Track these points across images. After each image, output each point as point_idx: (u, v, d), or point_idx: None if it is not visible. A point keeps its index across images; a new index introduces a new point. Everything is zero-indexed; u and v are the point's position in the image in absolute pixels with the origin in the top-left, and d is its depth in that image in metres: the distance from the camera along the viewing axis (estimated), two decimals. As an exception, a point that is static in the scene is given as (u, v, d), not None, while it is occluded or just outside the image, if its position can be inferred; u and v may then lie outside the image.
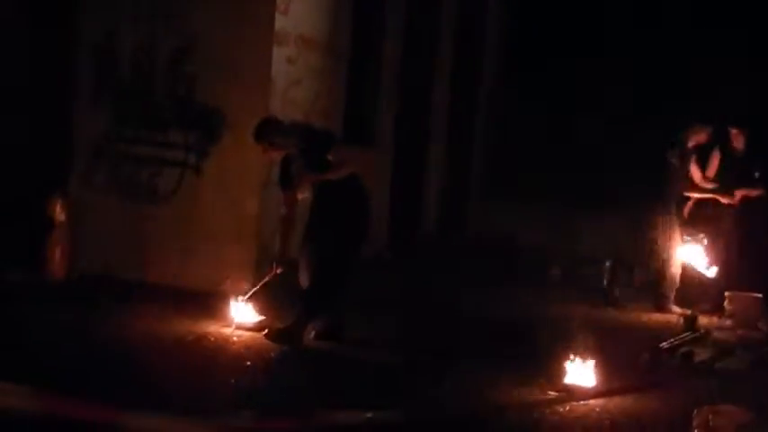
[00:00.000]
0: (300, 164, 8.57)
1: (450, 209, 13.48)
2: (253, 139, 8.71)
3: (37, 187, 10.16)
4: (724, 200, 11.02)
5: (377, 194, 10.02)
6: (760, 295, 10.27)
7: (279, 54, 10.03)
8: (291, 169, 8.63)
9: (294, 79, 10.22)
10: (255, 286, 8.92)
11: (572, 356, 7.81)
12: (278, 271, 8.74)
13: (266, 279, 8.86)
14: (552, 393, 7.66)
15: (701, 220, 11.31)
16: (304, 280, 8.63)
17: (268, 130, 8.67)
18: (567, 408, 7.38)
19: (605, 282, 11.53)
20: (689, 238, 11.05)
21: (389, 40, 11.95)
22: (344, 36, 10.92)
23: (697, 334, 9.62)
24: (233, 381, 7.57)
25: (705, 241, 11.01)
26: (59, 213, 10.04)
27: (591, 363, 7.78)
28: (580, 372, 7.76)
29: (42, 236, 10.00)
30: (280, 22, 9.96)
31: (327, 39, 10.56)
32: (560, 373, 7.78)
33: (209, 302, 9.28)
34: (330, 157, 8.50)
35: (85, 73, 10.53)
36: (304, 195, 8.62)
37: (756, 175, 10.90)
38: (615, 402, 7.53)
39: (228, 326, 8.80)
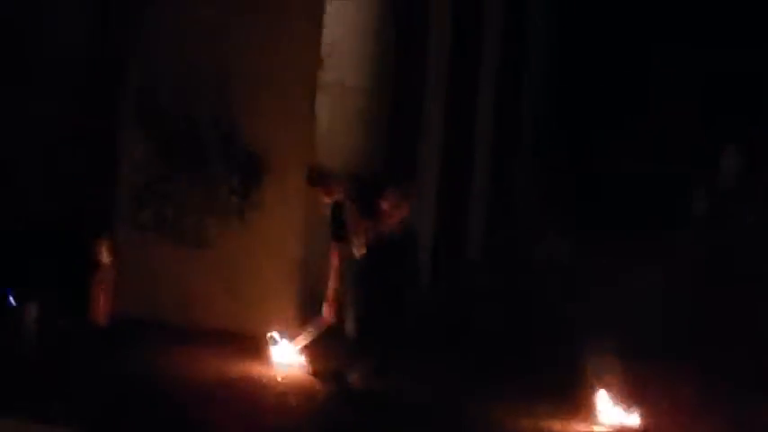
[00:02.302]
0: (354, 212, 8.75)
1: (495, 237, 13.52)
2: (306, 184, 8.96)
3: (84, 229, 10.30)
4: None
5: (421, 226, 10.22)
6: None
7: (322, 100, 10.12)
8: (343, 217, 8.78)
9: (338, 124, 10.33)
10: (302, 329, 9.14)
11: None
12: (329, 321, 8.98)
13: (316, 330, 9.10)
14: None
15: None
16: (351, 322, 8.80)
17: (320, 177, 8.91)
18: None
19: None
20: None
21: (431, 80, 12.01)
22: (387, 79, 11.04)
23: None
24: (279, 420, 7.70)
25: None
26: (105, 255, 10.11)
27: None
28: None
29: (88, 277, 10.06)
30: (324, 70, 10.07)
31: (370, 84, 10.68)
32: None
33: (254, 345, 9.38)
34: (382, 204, 8.70)
35: (131, 115, 10.62)
36: (361, 245, 8.75)
37: None
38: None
39: (274, 367, 8.96)
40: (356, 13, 10.49)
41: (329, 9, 10.01)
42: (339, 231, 8.88)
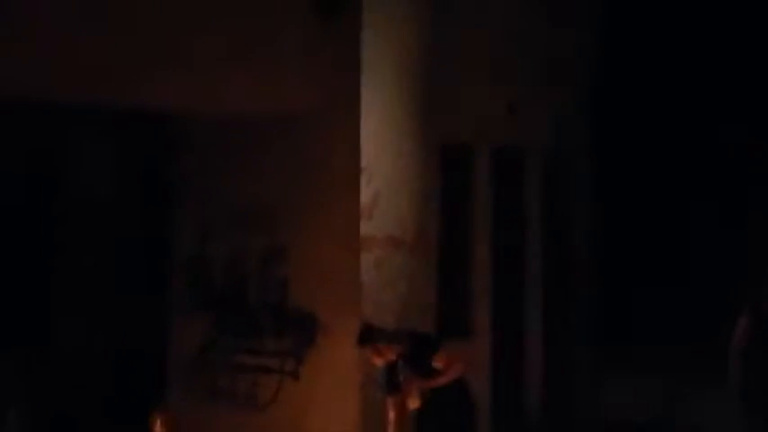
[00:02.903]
0: (407, 372, 8.69)
1: (554, 392, 13.20)
2: (357, 344, 8.86)
3: (134, 396, 10.32)
4: None
5: (476, 385, 9.86)
6: None
7: (367, 258, 10.11)
8: (397, 376, 8.72)
9: (384, 281, 10.25)
10: None
11: None
12: None
13: None
14: None
15: None
16: None
17: (371, 336, 8.83)
18: None
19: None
20: None
21: (477, 228, 11.89)
22: (432, 233, 10.96)
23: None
24: None
25: None
26: (160, 428, 9.71)
27: None
28: None
29: None
30: (365, 226, 10.08)
31: (414, 238, 10.62)
32: None
33: None
34: (435, 363, 8.64)
35: (179, 284, 10.76)
36: (415, 405, 8.69)
37: None
38: None
39: None
40: (396, 168, 10.55)
41: (368, 162, 10.10)
42: (392, 388, 8.83)
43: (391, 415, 8.84)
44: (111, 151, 10.92)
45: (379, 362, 8.86)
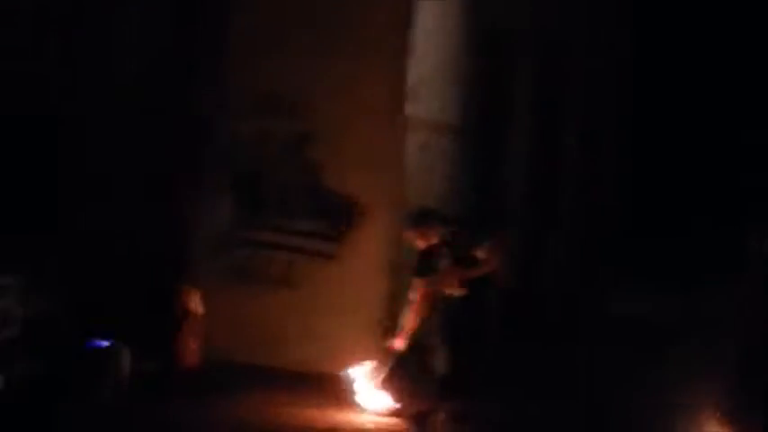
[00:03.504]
0: (449, 259, 8.91)
1: (574, 283, 13.58)
2: (407, 226, 9.09)
3: (166, 277, 10.50)
4: None
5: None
6: None
7: (412, 140, 10.32)
8: (435, 262, 8.93)
9: (427, 165, 10.46)
10: (381, 370, 9.29)
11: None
12: (396, 350, 9.16)
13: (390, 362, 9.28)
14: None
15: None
16: (440, 364, 8.98)
17: (422, 220, 9.04)
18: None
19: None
20: None
21: (517, 117, 12.24)
22: (473, 119, 11.17)
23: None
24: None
25: None
26: (195, 305, 10.29)
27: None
28: None
29: (175, 326, 10.27)
30: (411, 109, 10.23)
31: (458, 123, 10.82)
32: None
33: (339, 387, 9.55)
34: (477, 253, 8.88)
35: (208, 159, 10.86)
36: (457, 292, 8.93)
37: None
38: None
39: (360, 412, 9.15)
40: (441, 50, 10.65)
41: (414, 47, 10.18)
42: (425, 270, 9.01)
43: (414, 296, 9.06)
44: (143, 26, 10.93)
45: (421, 244, 9.03)
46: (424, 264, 9.06)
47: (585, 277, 13.70)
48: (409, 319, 9.12)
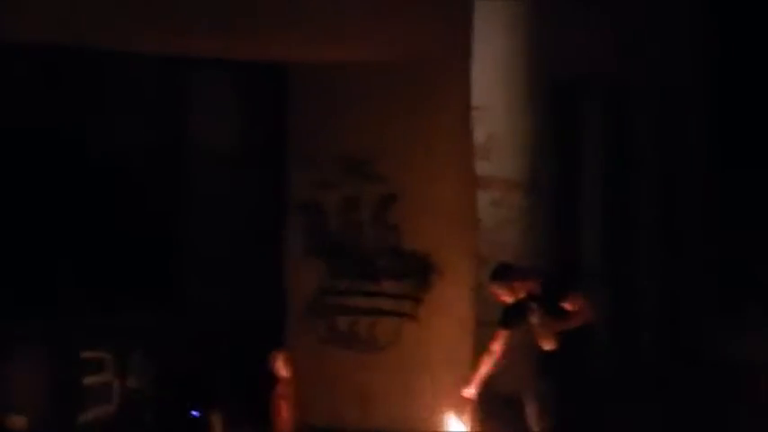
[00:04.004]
0: (540, 312, 8.95)
1: (667, 331, 13.48)
2: (491, 281, 9.18)
3: (255, 339, 10.80)
4: None
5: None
6: None
7: (483, 198, 10.45)
8: (523, 316, 9.04)
9: (501, 220, 10.57)
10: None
11: None
12: (469, 395, 9.37)
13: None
14: None
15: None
16: (535, 420, 9.07)
17: (508, 274, 9.13)
18: None
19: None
20: None
21: (587, 170, 12.38)
22: (546, 174, 11.19)
23: None
24: None
25: None
26: (283, 369, 10.46)
27: None
28: None
29: (266, 390, 10.45)
30: (482, 167, 10.43)
31: (530, 179, 10.92)
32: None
33: None
34: (566, 305, 8.91)
35: (296, 230, 11.23)
36: (551, 346, 8.97)
37: None
38: None
39: None
40: (509, 109, 10.81)
41: (481, 103, 10.42)
42: (510, 322, 9.13)
43: (495, 347, 9.19)
44: (230, 100, 11.38)
45: (508, 299, 9.12)
46: (510, 316, 9.15)
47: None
48: (484, 365, 9.29)
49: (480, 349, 9.96)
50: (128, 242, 10.69)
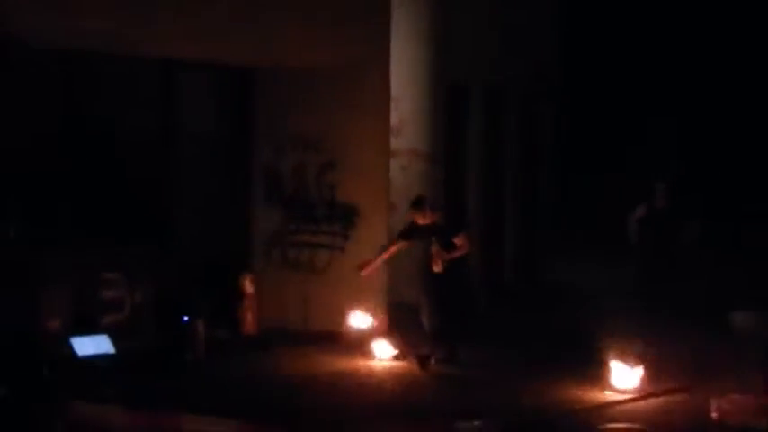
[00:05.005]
0: (438, 243, 10.85)
1: (523, 264, 15.81)
2: (411, 208, 11.06)
3: (228, 264, 12.62)
4: None
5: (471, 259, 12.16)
6: None
7: (395, 165, 12.62)
8: (427, 237, 10.93)
9: (408, 181, 12.72)
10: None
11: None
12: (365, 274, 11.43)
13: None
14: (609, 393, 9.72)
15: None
16: (427, 319, 11.11)
17: (424, 202, 11.09)
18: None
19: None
20: None
21: (471, 141, 14.57)
22: (441, 148, 13.39)
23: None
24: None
25: None
26: (249, 286, 12.49)
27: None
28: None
29: (236, 302, 12.39)
30: (395, 142, 12.58)
31: (430, 151, 13.10)
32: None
33: (358, 341, 11.85)
34: (455, 240, 10.96)
35: (259, 184, 13.06)
36: (439, 268, 10.90)
37: None
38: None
39: (372, 359, 11.39)
40: (417, 101, 13.10)
41: (396, 95, 12.47)
42: (405, 236, 11.06)
43: (391, 248, 11.28)
44: (210, 95, 13.11)
45: (421, 222, 10.94)
46: (411, 233, 11.03)
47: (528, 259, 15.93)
48: (379, 258, 11.25)
49: (389, 269, 12.23)
50: (137, 199, 12.06)
